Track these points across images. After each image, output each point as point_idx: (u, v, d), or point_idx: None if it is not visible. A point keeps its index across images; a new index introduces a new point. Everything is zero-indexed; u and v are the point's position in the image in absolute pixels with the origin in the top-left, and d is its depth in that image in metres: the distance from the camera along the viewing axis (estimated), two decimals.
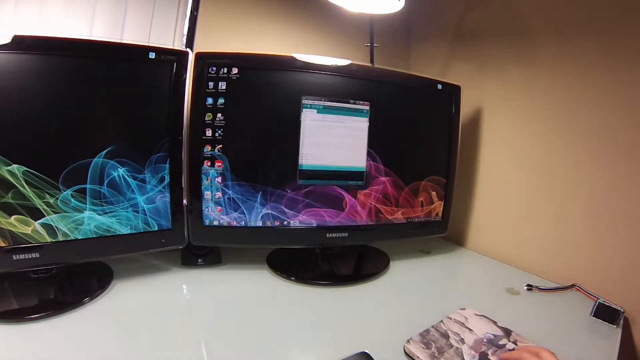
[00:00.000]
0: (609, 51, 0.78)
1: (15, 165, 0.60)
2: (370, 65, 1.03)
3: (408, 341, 0.60)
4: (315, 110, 0.79)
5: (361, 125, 0.83)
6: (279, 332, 0.64)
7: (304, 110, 0.79)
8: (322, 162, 0.81)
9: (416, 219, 0.93)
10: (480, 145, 1.05)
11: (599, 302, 0.72)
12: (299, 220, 0.82)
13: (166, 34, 0.88)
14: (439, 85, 0.92)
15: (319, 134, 0.80)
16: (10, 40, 0.58)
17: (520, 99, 0.95)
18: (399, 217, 0.91)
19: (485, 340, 0.61)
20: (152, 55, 0.70)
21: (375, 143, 0.85)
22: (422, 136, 0.93)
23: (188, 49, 0.75)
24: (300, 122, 0.79)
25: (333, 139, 0.82)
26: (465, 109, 1.00)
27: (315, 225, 0.83)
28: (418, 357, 0.56)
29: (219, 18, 0.95)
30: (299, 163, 0.80)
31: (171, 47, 0.84)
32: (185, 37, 0.86)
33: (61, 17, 0.77)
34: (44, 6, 0.75)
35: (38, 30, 0.61)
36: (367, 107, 0.83)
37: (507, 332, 0.63)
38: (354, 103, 0.82)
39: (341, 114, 0.82)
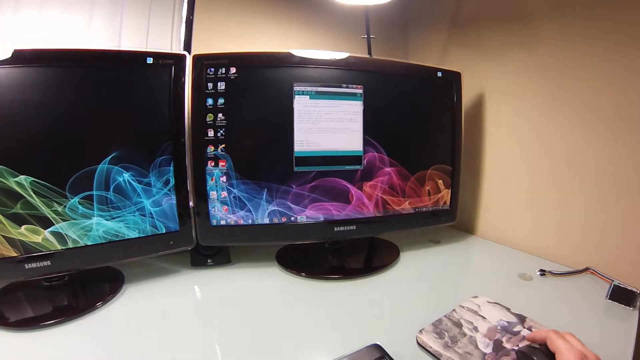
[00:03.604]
0: (610, 30, 0.76)
1: (22, 176, 0.61)
2: (368, 56, 1.02)
3: (420, 331, 0.59)
4: (308, 97, 0.79)
5: (355, 108, 0.83)
6: (292, 327, 0.64)
7: (296, 97, 0.78)
8: (317, 148, 0.81)
9: (424, 209, 0.92)
10: (485, 130, 1.03)
11: (614, 285, 0.71)
12: (305, 216, 0.82)
13: (163, 39, 0.88)
14: (438, 72, 0.91)
15: (312, 120, 0.80)
16: (10, 55, 0.59)
17: (522, 82, 0.93)
18: (407, 208, 0.90)
19: (499, 328, 0.60)
20: (150, 60, 0.70)
21: (375, 132, 0.84)
22: (424, 124, 0.92)
23: (185, 52, 0.75)
24: (293, 109, 0.78)
25: (327, 124, 0.81)
26: (467, 96, 0.99)
27: (322, 219, 0.83)
28: (431, 347, 0.56)
29: (215, 20, 0.95)
30: (294, 150, 0.79)
31: (168, 51, 0.85)
32: (182, 40, 0.87)
33: (57, 27, 0.78)
34: (41, 16, 0.76)
35: (35, 44, 0.62)
36: (361, 91, 0.82)
37: (522, 319, 0.62)
38: (347, 87, 0.81)
39: (334, 99, 0.81)
